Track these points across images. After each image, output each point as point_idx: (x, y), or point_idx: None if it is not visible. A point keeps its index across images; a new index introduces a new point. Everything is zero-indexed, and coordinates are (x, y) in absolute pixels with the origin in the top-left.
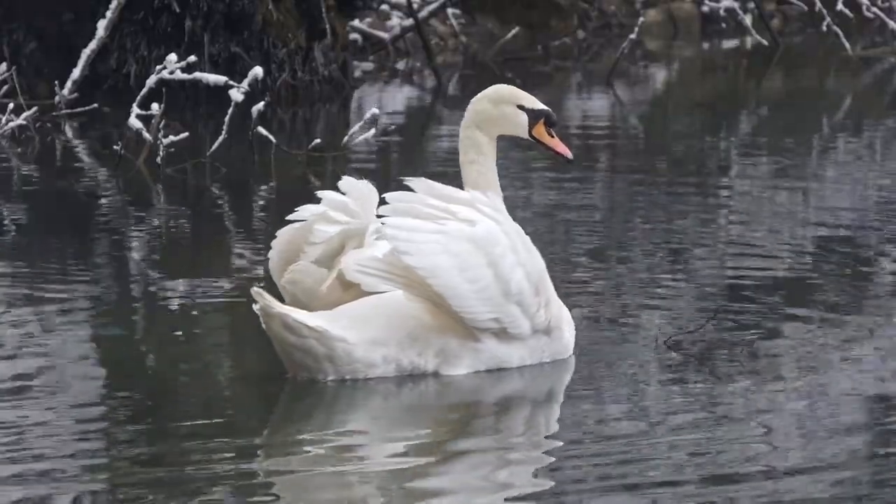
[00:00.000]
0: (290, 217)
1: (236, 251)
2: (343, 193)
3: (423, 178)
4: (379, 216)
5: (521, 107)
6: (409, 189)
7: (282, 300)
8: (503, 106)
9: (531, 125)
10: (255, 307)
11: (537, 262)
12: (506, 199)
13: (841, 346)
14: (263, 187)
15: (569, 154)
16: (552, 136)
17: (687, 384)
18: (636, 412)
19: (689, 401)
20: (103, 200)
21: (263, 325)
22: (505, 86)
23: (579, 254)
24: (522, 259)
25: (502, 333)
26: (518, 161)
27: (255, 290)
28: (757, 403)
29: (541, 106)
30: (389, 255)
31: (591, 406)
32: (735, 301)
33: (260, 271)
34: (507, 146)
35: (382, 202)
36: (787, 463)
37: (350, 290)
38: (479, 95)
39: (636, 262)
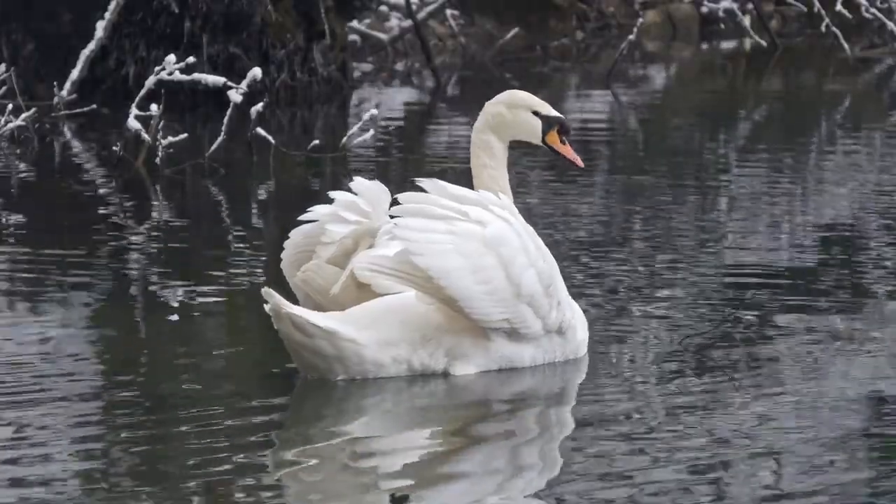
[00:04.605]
0: (302, 217)
1: (235, 252)
2: (355, 193)
3: (434, 179)
4: (392, 217)
5: (535, 113)
6: (420, 189)
7: (293, 299)
8: (519, 111)
9: (545, 132)
10: (266, 307)
11: (549, 262)
12: None
13: (842, 347)
14: (262, 188)
15: (580, 162)
16: (564, 144)
17: (694, 385)
18: (645, 413)
19: (696, 401)
20: (102, 201)
21: (274, 325)
22: (520, 91)
23: (579, 255)
24: (534, 259)
25: (514, 333)
26: (516, 163)
27: (266, 291)
28: (761, 405)
29: (555, 113)
30: (400, 254)
31: (601, 406)
32: (738, 301)
33: (259, 272)
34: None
35: (395, 202)
36: (791, 463)
37: (364, 290)
38: (494, 99)
39: (636, 264)
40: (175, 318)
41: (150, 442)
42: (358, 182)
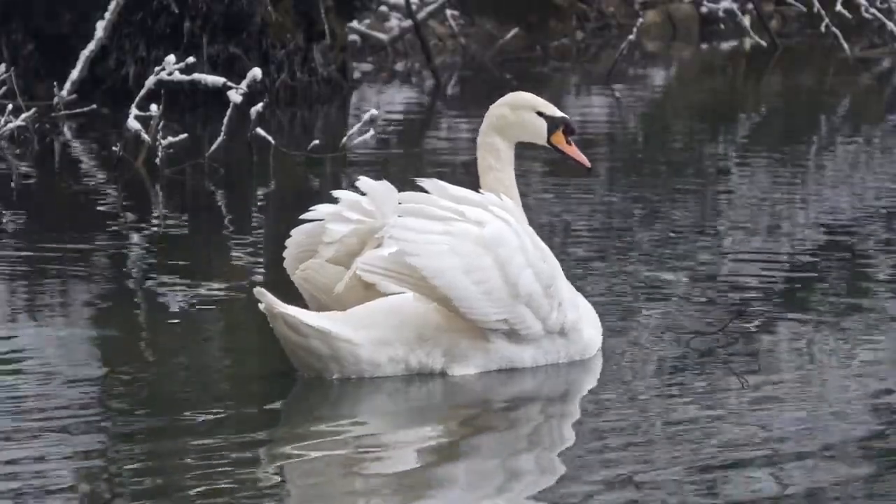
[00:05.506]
0: (304, 216)
1: (235, 252)
2: (362, 193)
3: (435, 179)
4: (399, 216)
5: (540, 113)
6: (421, 189)
7: (297, 298)
8: (523, 112)
9: (550, 132)
10: (261, 306)
11: (550, 263)
12: None
13: (845, 345)
14: (262, 188)
15: (587, 163)
16: (570, 144)
17: (696, 385)
18: (646, 413)
19: (697, 401)
20: (102, 202)
21: (270, 324)
22: (524, 92)
23: (578, 255)
24: (532, 260)
25: (513, 334)
26: (517, 164)
27: (258, 290)
28: (764, 405)
29: (560, 114)
30: (394, 254)
31: (601, 406)
32: (740, 300)
33: (259, 271)
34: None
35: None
36: (793, 464)
37: (371, 290)
38: (498, 101)
39: (636, 263)
40: (174, 317)
41: (148, 440)
42: (364, 181)
